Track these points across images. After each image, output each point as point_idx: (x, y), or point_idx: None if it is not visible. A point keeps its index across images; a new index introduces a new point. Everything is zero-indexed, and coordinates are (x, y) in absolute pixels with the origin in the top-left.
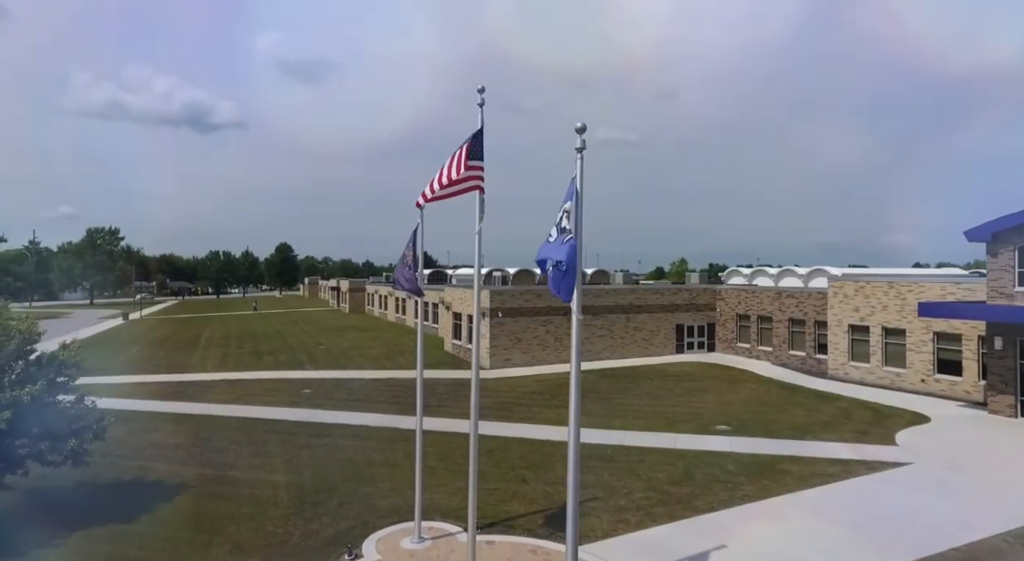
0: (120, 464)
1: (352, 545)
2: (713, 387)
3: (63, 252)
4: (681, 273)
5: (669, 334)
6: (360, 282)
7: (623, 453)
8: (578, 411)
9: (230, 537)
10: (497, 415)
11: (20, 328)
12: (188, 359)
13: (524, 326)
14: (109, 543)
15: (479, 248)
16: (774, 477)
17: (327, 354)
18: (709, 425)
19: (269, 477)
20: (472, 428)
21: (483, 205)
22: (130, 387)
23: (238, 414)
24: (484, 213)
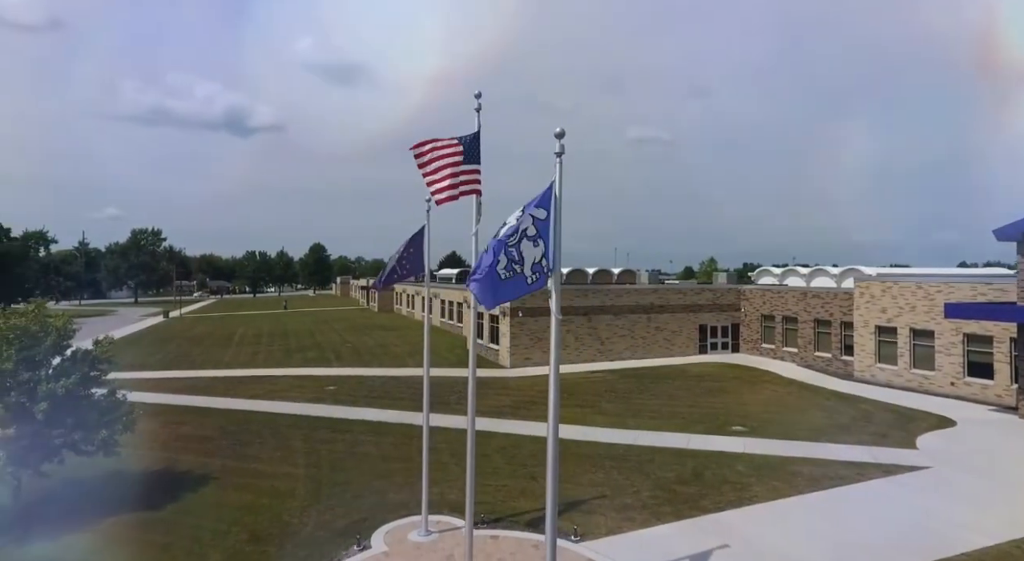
0: (151, 455)
1: (361, 536)
2: (733, 388)
3: (109, 253)
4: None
5: (692, 334)
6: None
7: (634, 452)
8: (556, 409)
9: (248, 526)
10: (513, 413)
11: (56, 325)
12: (221, 356)
13: (544, 325)
14: (137, 529)
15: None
16: (785, 479)
17: (353, 352)
18: (724, 426)
19: (289, 470)
20: (469, 424)
21: (480, 208)
22: (165, 382)
23: (264, 409)
24: (481, 216)
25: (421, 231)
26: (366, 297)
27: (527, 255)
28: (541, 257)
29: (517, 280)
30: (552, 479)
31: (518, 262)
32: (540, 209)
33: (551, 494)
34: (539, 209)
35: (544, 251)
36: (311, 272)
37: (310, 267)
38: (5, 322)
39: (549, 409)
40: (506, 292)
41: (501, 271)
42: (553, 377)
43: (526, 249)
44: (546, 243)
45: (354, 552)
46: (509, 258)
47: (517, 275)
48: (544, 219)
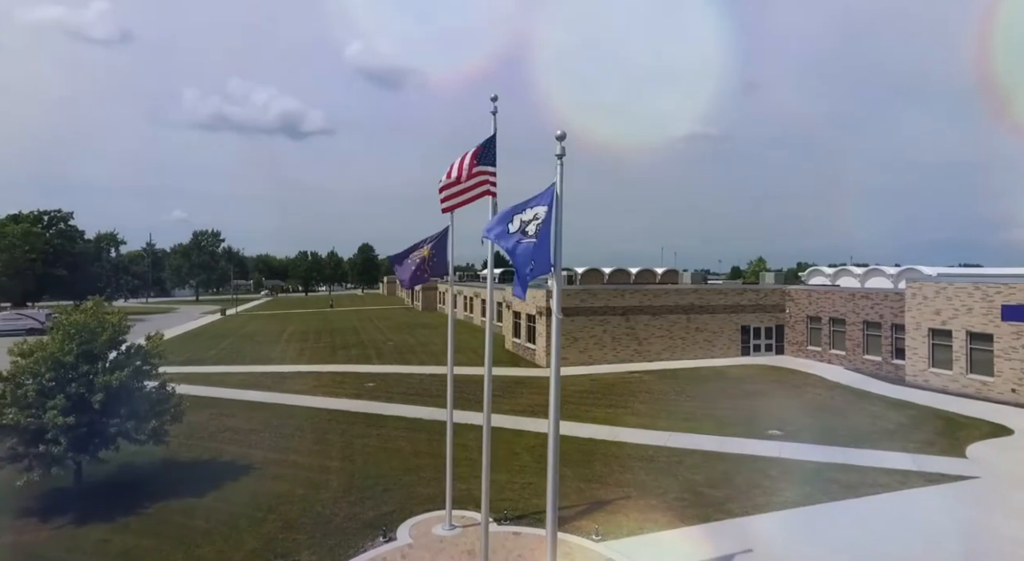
0: (199, 446)
1: (387, 529)
2: (773, 391)
3: (173, 253)
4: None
5: (733, 336)
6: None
7: (664, 454)
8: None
9: (282, 515)
10: (546, 412)
11: (112, 322)
12: (270, 352)
13: (580, 325)
14: (181, 514)
15: (491, 251)
16: (819, 485)
17: (394, 350)
18: (760, 429)
19: (324, 462)
20: (485, 421)
21: (496, 209)
22: (218, 376)
23: (306, 404)
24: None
25: (445, 232)
26: (410, 296)
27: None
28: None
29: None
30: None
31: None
32: (541, 207)
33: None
34: (540, 207)
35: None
36: (359, 272)
37: (358, 267)
38: (67, 318)
39: (550, 407)
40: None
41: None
42: (554, 376)
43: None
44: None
45: (380, 543)
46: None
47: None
48: (544, 220)
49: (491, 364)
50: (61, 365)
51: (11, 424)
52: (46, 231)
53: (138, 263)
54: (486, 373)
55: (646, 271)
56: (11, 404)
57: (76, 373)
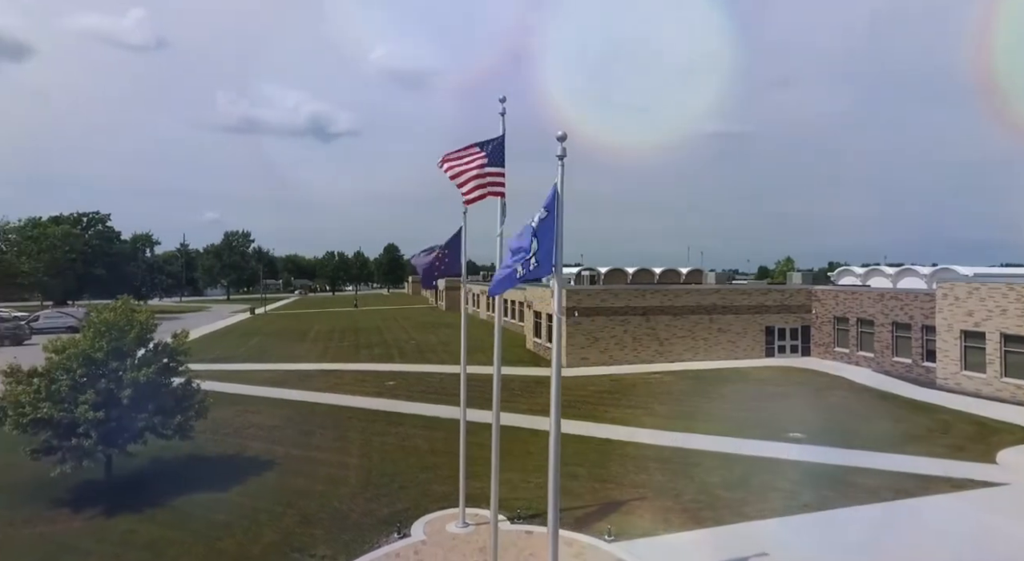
0: (224, 441)
1: (402, 525)
2: (797, 393)
3: (205, 253)
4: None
5: (757, 336)
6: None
7: (681, 455)
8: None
9: (301, 510)
10: (563, 412)
11: (140, 319)
12: (296, 350)
13: (601, 326)
14: (204, 507)
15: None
16: (838, 489)
17: (416, 349)
18: (781, 432)
19: (344, 459)
20: (494, 420)
21: (504, 209)
22: (245, 374)
23: (329, 401)
24: (505, 217)
25: (459, 232)
26: (434, 296)
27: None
28: (533, 254)
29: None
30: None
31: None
32: (544, 210)
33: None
34: (542, 210)
35: (537, 248)
36: (385, 272)
37: (384, 267)
38: (98, 316)
39: (551, 404)
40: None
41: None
42: (555, 375)
43: (532, 247)
44: (540, 242)
45: (394, 539)
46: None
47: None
48: (545, 219)
49: (500, 363)
50: (92, 361)
51: (45, 418)
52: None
53: (172, 263)
54: (495, 372)
55: (670, 271)
56: (45, 398)
57: (106, 369)
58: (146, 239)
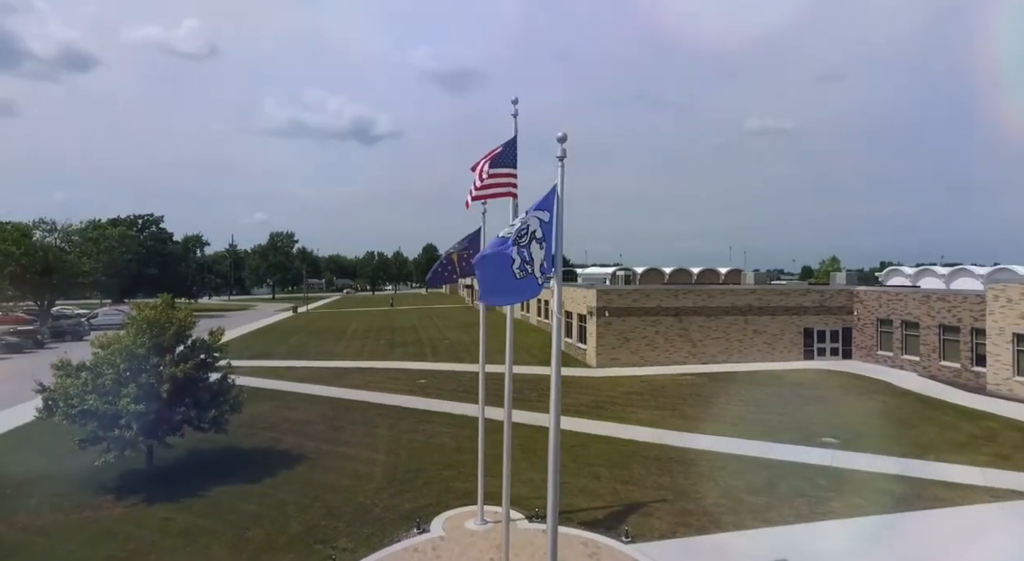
0: (259, 435)
1: (422, 521)
2: (834, 397)
3: (252, 253)
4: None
5: (795, 338)
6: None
7: (707, 458)
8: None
9: (327, 503)
10: (589, 412)
11: (179, 317)
12: (333, 348)
13: (632, 326)
14: (236, 498)
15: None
16: (869, 496)
17: (449, 348)
18: (813, 436)
19: (371, 455)
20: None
21: (516, 210)
22: (284, 370)
23: (361, 398)
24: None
25: (478, 232)
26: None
27: (535, 257)
28: (543, 260)
29: (529, 280)
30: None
31: (529, 263)
32: (543, 211)
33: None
34: (542, 211)
35: (546, 253)
36: (423, 271)
37: (423, 267)
38: (140, 313)
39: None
40: (520, 292)
41: (516, 270)
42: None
43: (535, 251)
44: (548, 246)
45: (414, 534)
46: (522, 259)
47: (529, 275)
48: (547, 222)
49: (512, 362)
50: (134, 357)
51: (91, 409)
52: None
53: (220, 263)
54: (507, 371)
55: (708, 271)
56: (91, 391)
57: (147, 364)
58: (196, 240)
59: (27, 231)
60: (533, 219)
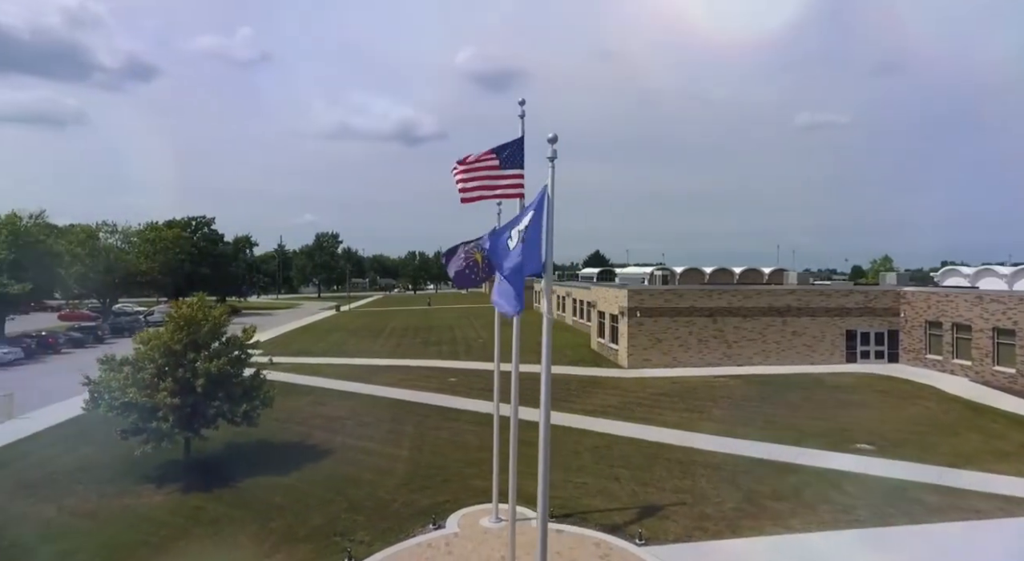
0: (291, 429)
1: (438, 517)
2: (875, 402)
3: (299, 254)
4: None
5: (837, 341)
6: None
7: (732, 462)
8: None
9: (348, 497)
10: (616, 413)
11: (213, 315)
12: (370, 346)
13: (664, 326)
14: (265, 490)
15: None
16: (899, 505)
17: (482, 347)
18: (847, 442)
19: (395, 451)
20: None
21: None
22: (320, 367)
23: (392, 396)
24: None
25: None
26: None
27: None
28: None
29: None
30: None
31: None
32: (532, 211)
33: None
34: (531, 211)
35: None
36: None
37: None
38: (177, 311)
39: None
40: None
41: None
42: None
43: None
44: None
45: (429, 530)
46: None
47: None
48: (531, 222)
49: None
50: (172, 353)
51: (132, 402)
52: (193, 234)
53: (268, 263)
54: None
55: (751, 271)
56: (132, 385)
57: (184, 360)
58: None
59: (93, 233)
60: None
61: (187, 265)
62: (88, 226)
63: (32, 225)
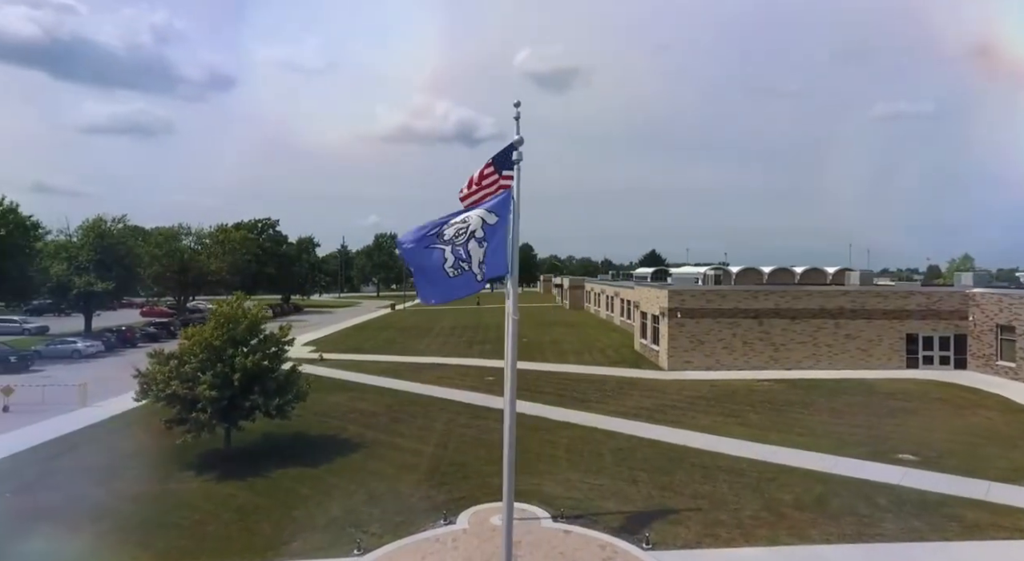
0: (328, 423)
1: (450, 513)
2: (928, 411)
3: (359, 254)
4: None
5: (896, 345)
6: (580, 280)
7: (758, 469)
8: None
9: (370, 490)
10: (648, 416)
11: (252, 313)
12: (416, 344)
13: (707, 328)
14: (293, 480)
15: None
16: (933, 521)
17: (524, 347)
18: (889, 452)
19: (422, 447)
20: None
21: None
22: (367, 364)
23: (428, 393)
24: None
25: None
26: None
27: (473, 255)
28: (482, 258)
29: (466, 277)
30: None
31: (466, 260)
32: (491, 214)
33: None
34: (490, 214)
35: (489, 252)
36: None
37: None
38: (218, 309)
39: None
40: (456, 289)
41: (449, 269)
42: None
43: (473, 249)
44: (490, 245)
45: (440, 525)
46: (456, 257)
47: (466, 272)
48: (494, 224)
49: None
50: (212, 348)
51: (175, 394)
52: (259, 236)
53: (331, 262)
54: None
55: (813, 270)
56: (176, 377)
57: (223, 355)
58: (309, 241)
59: (172, 235)
60: (476, 219)
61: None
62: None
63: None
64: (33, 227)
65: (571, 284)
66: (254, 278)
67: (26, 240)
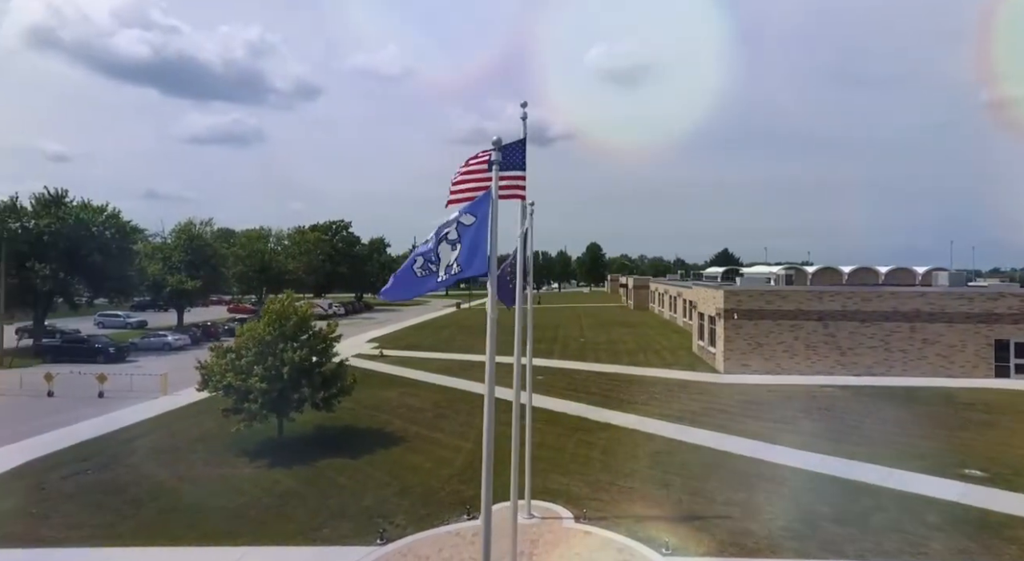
0: (376, 417)
1: (473, 508)
2: (1011, 424)
3: None
4: None
5: (982, 351)
6: (644, 279)
7: (801, 478)
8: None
9: (403, 483)
10: (692, 420)
11: (301, 311)
12: (474, 343)
13: (766, 330)
14: (334, 471)
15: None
16: (988, 543)
17: (579, 348)
18: (954, 467)
19: (459, 443)
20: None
21: (524, 210)
22: (422, 361)
23: (475, 390)
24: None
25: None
26: (626, 294)
27: (443, 257)
28: (452, 260)
29: (430, 278)
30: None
31: (434, 262)
32: (468, 215)
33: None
34: (467, 215)
35: (463, 254)
36: (587, 269)
37: (586, 265)
38: (270, 306)
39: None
40: (415, 287)
41: (417, 269)
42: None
43: (443, 252)
44: (464, 245)
45: (462, 519)
46: (426, 259)
47: (431, 274)
48: (469, 225)
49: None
50: (264, 343)
51: (231, 385)
52: (333, 237)
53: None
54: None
55: (900, 270)
56: (231, 370)
57: (274, 350)
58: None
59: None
60: (452, 223)
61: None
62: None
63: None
64: (133, 231)
65: (635, 284)
66: (328, 277)
67: (126, 242)
